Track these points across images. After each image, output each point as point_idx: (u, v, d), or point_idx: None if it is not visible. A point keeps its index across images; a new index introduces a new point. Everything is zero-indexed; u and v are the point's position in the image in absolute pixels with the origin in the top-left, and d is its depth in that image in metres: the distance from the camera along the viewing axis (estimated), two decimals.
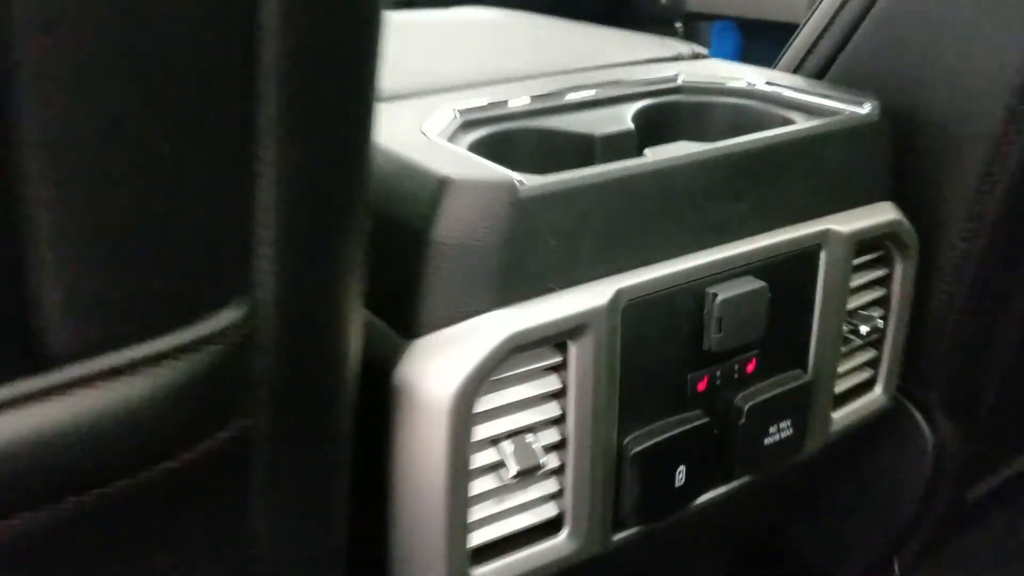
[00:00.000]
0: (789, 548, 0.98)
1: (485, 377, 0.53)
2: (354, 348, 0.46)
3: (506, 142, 0.64)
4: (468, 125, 0.64)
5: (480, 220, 0.51)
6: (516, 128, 0.65)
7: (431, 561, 0.55)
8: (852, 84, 0.76)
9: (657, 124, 0.73)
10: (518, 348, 0.53)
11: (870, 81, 0.77)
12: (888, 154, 0.70)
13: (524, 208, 0.52)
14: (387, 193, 0.54)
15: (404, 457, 0.54)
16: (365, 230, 0.43)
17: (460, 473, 0.53)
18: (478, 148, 0.63)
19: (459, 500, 0.54)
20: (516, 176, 0.52)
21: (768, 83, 0.74)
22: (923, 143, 0.75)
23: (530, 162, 0.61)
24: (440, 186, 0.52)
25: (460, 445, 0.52)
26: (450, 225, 0.51)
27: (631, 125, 0.69)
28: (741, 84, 0.75)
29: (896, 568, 0.92)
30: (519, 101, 0.68)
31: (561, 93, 0.71)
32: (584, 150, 0.67)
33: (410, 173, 0.53)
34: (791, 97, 0.72)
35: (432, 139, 0.59)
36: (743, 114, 0.73)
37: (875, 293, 0.73)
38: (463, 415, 0.52)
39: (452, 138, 0.62)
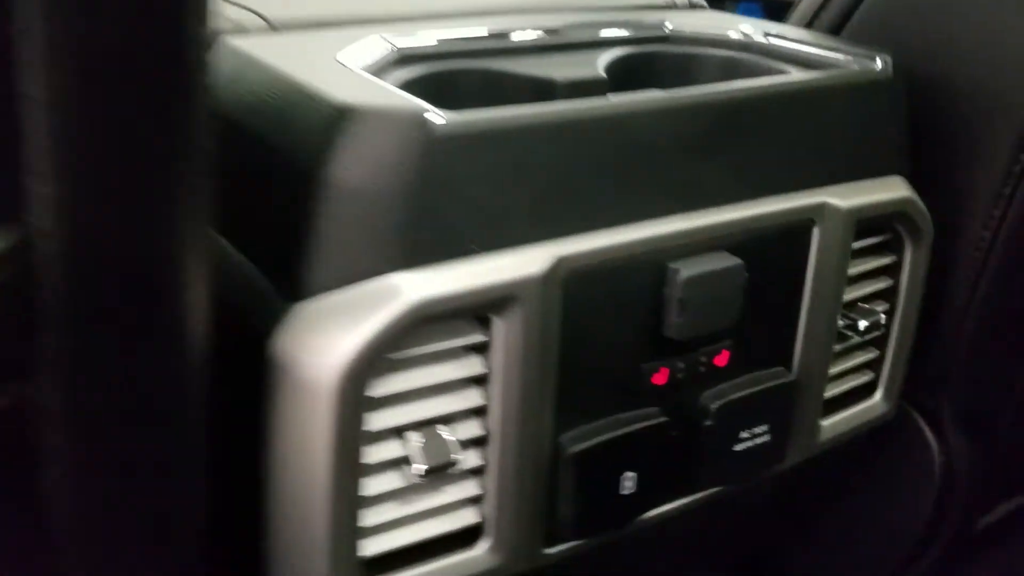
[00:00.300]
0: (779, 572, 0.88)
1: (383, 353, 0.43)
2: (197, 306, 0.36)
3: (448, 83, 0.55)
4: (405, 60, 0.55)
5: (383, 159, 0.42)
6: (462, 68, 0.56)
7: (312, 568, 0.46)
8: (870, 43, 0.65)
9: (637, 76, 0.63)
10: (428, 320, 0.44)
11: (891, 40, 0.66)
12: (901, 120, 0.60)
13: (439, 148, 0.43)
14: (274, 123, 0.44)
15: (281, 446, 0.45)
16: (203, 153, 0.34)
17: (347, 468, 0.44)
18: (412, 87, 0.53)
19: (345, 500, 0.44)
20: (431, 109, 0.43)
21: (767, 35, 0.64)
22: (946, 113, 0.65)
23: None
24: (336, 115, 0.42)
25: (348, 434, 0.43)
26: (346, 164, 0.42)
27: (602, 73, 0.59)
28: (736, 36, 0.65)
29: None
30: (471, 36, 0.58)
31: (523, 31, 0.61)
32: (544, 98, 0.58)
33: (302, 99, 0.44)
34: (792, 50, 0.62)
35: (346, 68, 0.49)
36: (736, 68, 0.63)
37: (879, 283, 0.63)
38: (351, 398, 0.43)
39: (380, 73, 0.53)
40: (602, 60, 0.60)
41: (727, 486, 0.58)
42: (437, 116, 0.42)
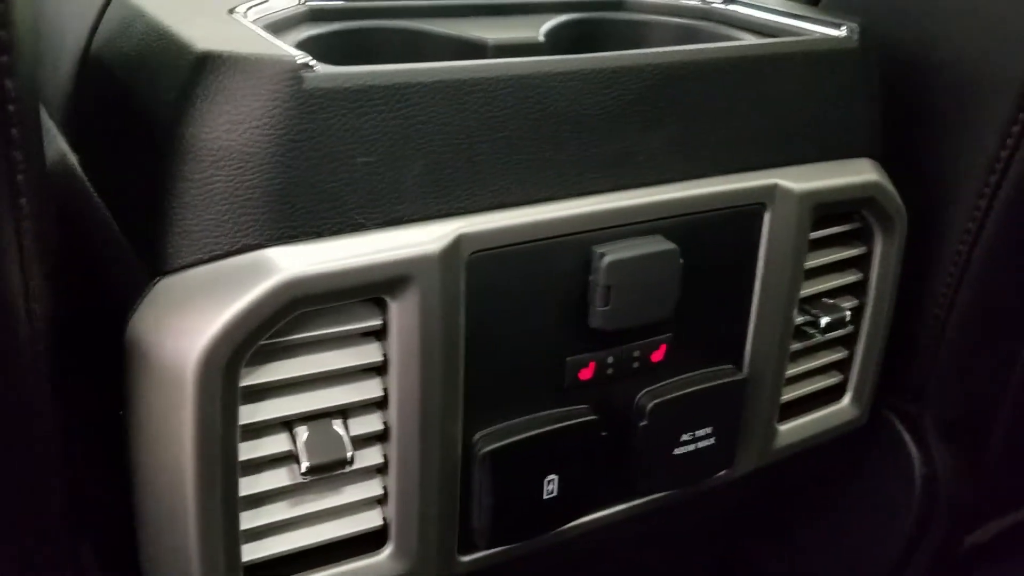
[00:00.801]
0: None
1: (256, 337, 0.39)
2: (15, 281, 0.32)
3: (363, 43, 0.50)
4: (315, 17, 0.50)
5: (250, 116, 0.37)
6: (379, 26, 0.51)
7: (185, 571, 0.41)
8: (849, 14, 0.60)
9: (584, 43, 0.58)
10: (311, 301, 0.40)
11: (871, 12, 0.61)
12: (871, 96, 0.54)
13: (313, 104, 0.38)
14: (145, 78, 0.40)
15: (146, 438, 0.40)
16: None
17: (217, 464, 0.40)
18: (316, 44, 0.49)
19: (215, 499, 0.40)
20: (304, 59, 0.38)
21: (728, 1, 0.58)
22: (928, 91, 0.59)
23: None
24: (196, 64, 0.38)
25: (214, 427, 0.39)
26: (208, 119, 0.38)
27: (540, 37, 0.54)
28: (695, 2, 0.59)
29: None
30: None
31: None
32: None
33: (168, 48, 0.40)
34: (754, 18, 0.57)
35: (233, 19, 0.44)
36: (694, 37, 0.58)
37: (847, 277, 0.58)
38: (217, 387, 0.38)
39: (282, 28, 0.48)
40: (543, 25, 0.56)
41: (666, 492, 0.53)
42: (310, 68, 0.38)
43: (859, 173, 0.53)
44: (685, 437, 0.52)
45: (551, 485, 0.48)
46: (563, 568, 0.58)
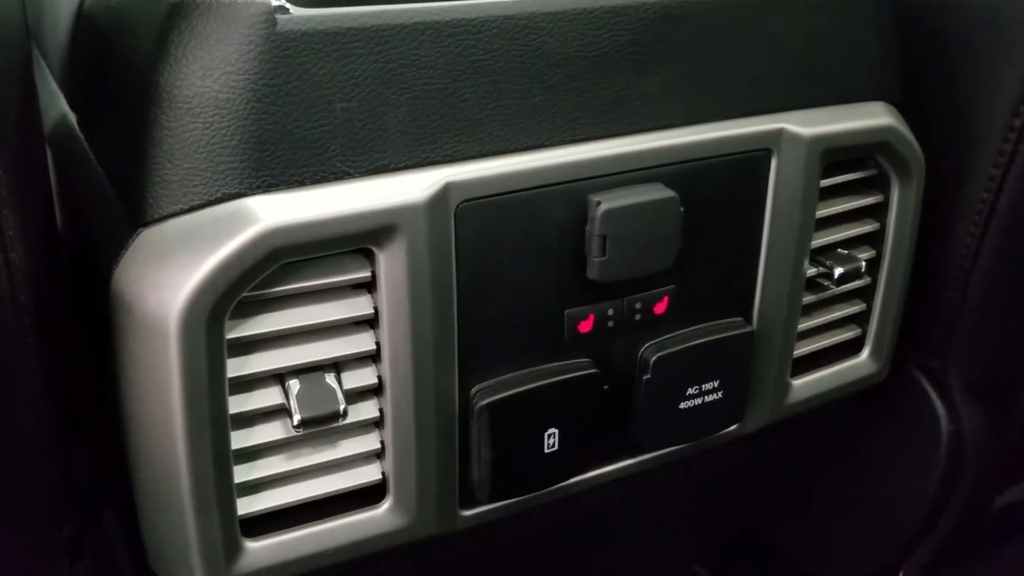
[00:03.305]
0: (775, 549, 0.81)
1: (239, 288, 0.39)
2: None
3: None
4: None
5: (224, 59, 0.37)
6: None
7: (179, 524, 0.42)
8: None
9: None
10: (292, 251, 0.39)
11: None
12: (885, 34, 0.52)
13: (289, 47, 0.37)
14: (122, 24, 0.40)
15: (134, 392, 0.40)
16: None
17: (205, 417, 0.40)
18: None
19: (206, 453, 0.40)
20: (278, 1, 0.37)
21: None
22: (950, 32, 0.57)
23: None
24: (171, 10, 0.37)
25: (198, 378, 0.39)
26: (182, 65, 0.37)
27: None
28: None
29: None
30: None
31: None
32: None
33: None
34: None
35: None
36: None
37: (863, 227, 0.56)
38: (198, 337, 0.38)
39: None
40: None
41: (671, 448, 0.52)
42: (283, 10, 0.37)
43: (872, 117, 0.51)
44: (691, 391, 0.50)
45: (552, 439, 0.48)
46: (566, 526, 0.57)
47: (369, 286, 0.43)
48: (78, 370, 0.45)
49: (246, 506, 0.43)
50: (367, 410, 0.45)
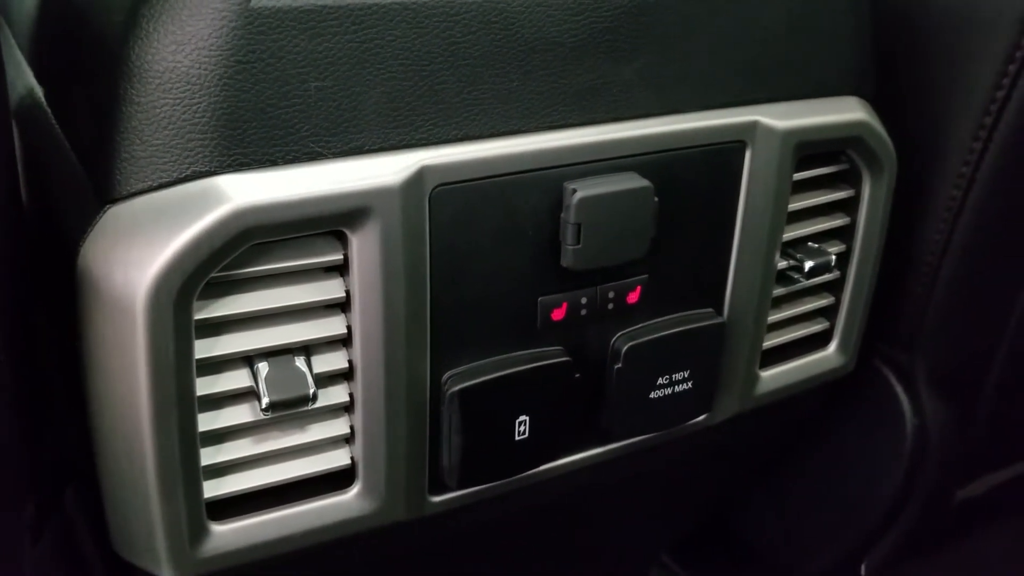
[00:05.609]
0: (741, 539, 0.82)
1: (208, 268, 0.38)
2: None
3: None
4: None
5: (196, 34, 0.36)
6: None
7: (143, 505, 0.41)
8: None
9: None
10: (262, 232, 0.39)
11: None
12: (860, 30, 0.52)
13: (262, 23, 0.37)
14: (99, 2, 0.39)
15: (100, 372, 0.40)
16: None
17: (171, 398, 0.39)
18: None
19: (170, 432, 0.40)
20: None
21: None
22: (923, 28, 0.57)
23: None
24: None
25: (165, 358, 0.38)
26: (154, 40, 0.36)
27: None
28: None
29: (863, 573, 0.76)
30: None
31: None
32: None
33: None
34: None
35: None
36: None
37: (833, 221, 0.56)
38: (165, 317, 0.38)
39: None
40: None
41: (641, 437, 0.53)
42: None
43: (845, 111, 0.52)
44: (661, 381, 0.51)
45: (523, 427, 0.48)
46: (536, 513, 0.57)
47: (341, 269, 0.43)
48: (43, 348, 0.44)
49: (213, 489, 0.43)
50: (337, 394, 0.44)
